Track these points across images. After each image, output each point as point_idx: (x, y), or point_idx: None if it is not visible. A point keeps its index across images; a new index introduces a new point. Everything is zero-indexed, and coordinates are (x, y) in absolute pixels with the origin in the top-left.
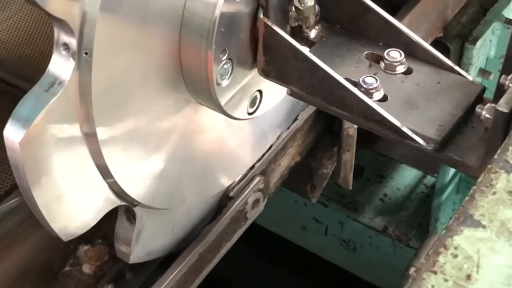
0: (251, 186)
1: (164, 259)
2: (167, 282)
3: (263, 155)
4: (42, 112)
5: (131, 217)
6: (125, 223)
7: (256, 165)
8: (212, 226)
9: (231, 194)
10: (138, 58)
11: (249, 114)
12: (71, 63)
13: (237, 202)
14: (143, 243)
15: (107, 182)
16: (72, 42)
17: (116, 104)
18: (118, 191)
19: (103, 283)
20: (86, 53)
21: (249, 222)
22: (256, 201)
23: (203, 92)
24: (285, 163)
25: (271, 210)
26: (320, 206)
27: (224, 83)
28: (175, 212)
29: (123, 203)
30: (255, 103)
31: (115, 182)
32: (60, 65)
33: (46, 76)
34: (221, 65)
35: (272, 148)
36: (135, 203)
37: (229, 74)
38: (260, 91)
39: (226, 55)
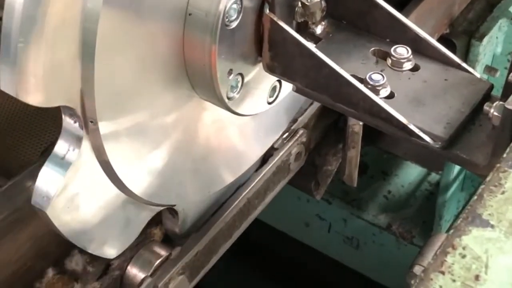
0: (295, 138)
1: None
2: (218, 223)
3: (306, 109)
4: (60, 185)
5: (173, 212)
6: (168, 216)
7: (299, 119)
8: (259, 174)
9: (276, 145)
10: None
11: (269, 103)
12: (80, 132)
13: (281, 153)
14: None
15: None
16: (76, 112)
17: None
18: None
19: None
20: (91, 122)
21: (291, 175)
22: (299, 154)
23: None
24: (326, 121)
25: (274, 206)
26: (323, 203)
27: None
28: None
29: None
30: (274, 93)
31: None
32: (70, 135)
33: (59, 145)
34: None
35: (315, 103)
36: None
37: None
38: (279, 81)
39: None
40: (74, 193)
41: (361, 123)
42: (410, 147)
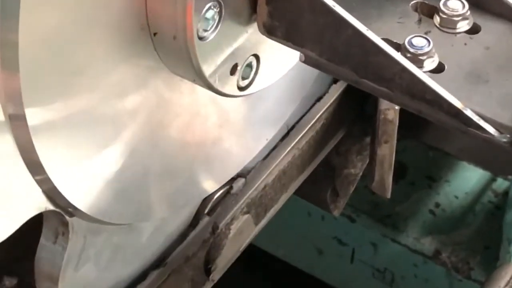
0: None
1: None
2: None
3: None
4: None
5: (62, 233)
6: (51, 242)
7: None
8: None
9: None
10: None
11: (240, 89)
12: None
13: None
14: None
15: (35, 179)
16: None
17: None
18: (50, 193)
19: None
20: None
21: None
22: None
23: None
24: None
25: (277, 226)
26: (344, 220)
27: (208, 37)
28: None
29: (53, 208)
30: (249, 74)
31: (48, 179)
32: None
33: None
34: (205, 10)
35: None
36: (70, 210)
37: (215, 25)
38: (257, 57)
39: None
40: None
41: (396, 107)
42: (466, 142)
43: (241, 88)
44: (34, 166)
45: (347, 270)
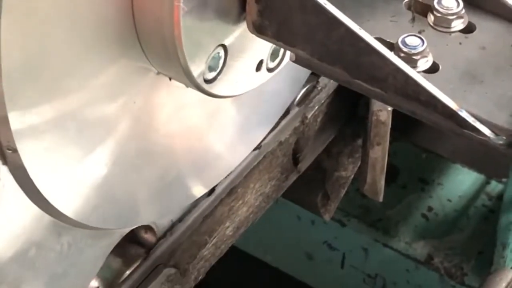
0: None
1: None
2: None
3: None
4: None
5: None
6: None
7: None
8: None
9: None
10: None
11: (207, 82)
12: None
13: None
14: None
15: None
16: None
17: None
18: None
19: None
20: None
21: None
22: None
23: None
24: None
25: (265, 231)
26: (335, 225)
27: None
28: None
29: None
30: (216, 67)
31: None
32: None
33: None
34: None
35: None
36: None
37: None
38: (224, 47)
39: None
40: None
41: (389, 108)
42: (460, 144)
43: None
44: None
45: (338, 276)
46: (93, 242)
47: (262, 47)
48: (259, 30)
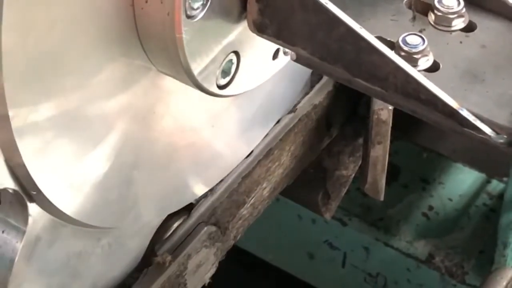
0: None
1: None
2: None
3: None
4: None
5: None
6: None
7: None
8: None
9: None
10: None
11: (220, 87)
12: None
13: None
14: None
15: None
16: None
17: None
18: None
19: None
20: None
21: None
22: None
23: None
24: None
25: (266, 230)
26: (336, 224)
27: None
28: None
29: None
30: (228, 72)
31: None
32: None
33: None
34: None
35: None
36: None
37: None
38: (237, 54)
39: None
40: None
41: (390, 107)
42: (461, 143)
43: (220, 87)
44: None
45: (339, 275)
46: (135, 232)
47: None
48: (259, 29)
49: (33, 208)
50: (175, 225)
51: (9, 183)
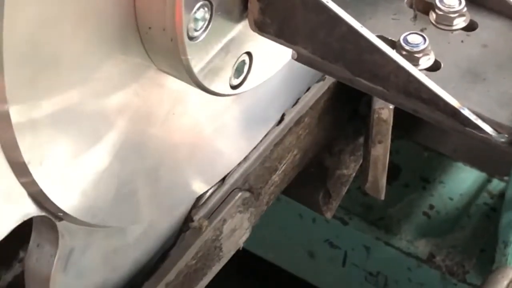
0: None
1: None
2: None
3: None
4: None
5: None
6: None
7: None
8: None
9: None
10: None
11: (233, 88)
12: None
13: None
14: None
15: (21, 183)
16: None
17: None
18: (38, 197)
19: None
20: None
21: None
22: None
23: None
24: None
25: (267, 229)
26: (336, 223)
27: (199, 35)
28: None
29: (43, 213)
30: (241, 72)
31: (34, 182)
32: None
33: None
34: (195, 9)
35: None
36: (60, 214)
37: (205, 24)
38: (249, 54)
39: None
40: None
41: (391, 106)
42: (462, 142)
43: (233, 87)
44: (19, 168)
45: (339, 274)
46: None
47: None
48: (260, 28)
49: (63, 225)
50: (210, 191)
51: (34, 211)
